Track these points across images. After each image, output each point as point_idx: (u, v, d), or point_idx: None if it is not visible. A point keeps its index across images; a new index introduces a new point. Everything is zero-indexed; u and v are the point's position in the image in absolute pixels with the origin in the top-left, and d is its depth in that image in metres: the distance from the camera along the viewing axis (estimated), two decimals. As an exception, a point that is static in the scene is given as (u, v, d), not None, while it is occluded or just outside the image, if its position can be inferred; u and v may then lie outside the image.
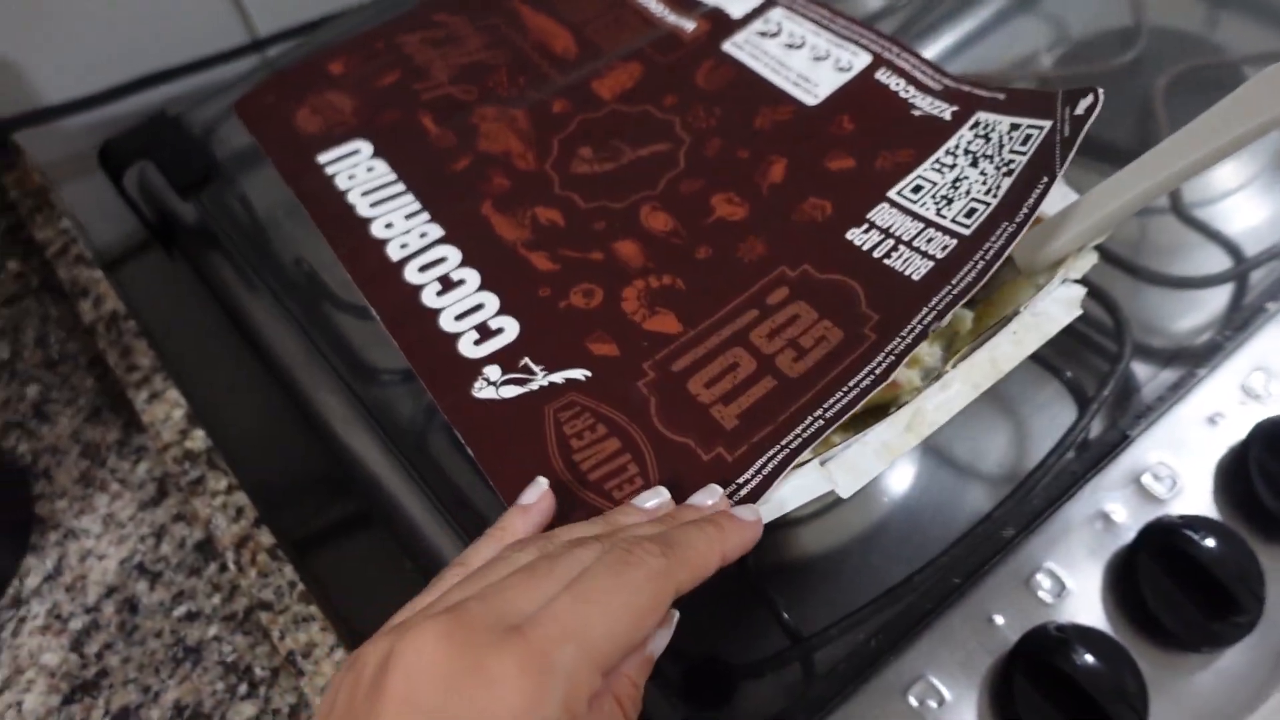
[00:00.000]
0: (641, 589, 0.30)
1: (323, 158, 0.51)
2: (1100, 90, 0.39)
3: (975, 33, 0.65)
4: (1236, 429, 0.48)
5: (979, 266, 0.39)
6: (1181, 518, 0.45)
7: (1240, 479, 0.46)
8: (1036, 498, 0.45)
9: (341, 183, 0.50)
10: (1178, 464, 0.47)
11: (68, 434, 0.55)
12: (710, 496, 0.36)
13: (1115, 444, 0.46)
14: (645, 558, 0.31)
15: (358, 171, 0.50)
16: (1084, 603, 0.44)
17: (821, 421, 0.37)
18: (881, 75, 0.47)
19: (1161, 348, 0.51)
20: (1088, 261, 0.42)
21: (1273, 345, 0.50)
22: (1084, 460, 0.47)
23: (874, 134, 0.45)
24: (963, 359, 0.40)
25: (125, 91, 0.67)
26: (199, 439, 0.52)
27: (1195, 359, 0.50)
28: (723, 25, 0.52)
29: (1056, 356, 0.52)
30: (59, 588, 0.50)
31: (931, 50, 0.64)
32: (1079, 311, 0.41)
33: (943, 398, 0.39)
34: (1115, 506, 0.46)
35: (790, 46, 0.50)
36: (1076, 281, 0.41)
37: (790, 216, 0.44)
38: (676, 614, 0.34)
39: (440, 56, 0.55)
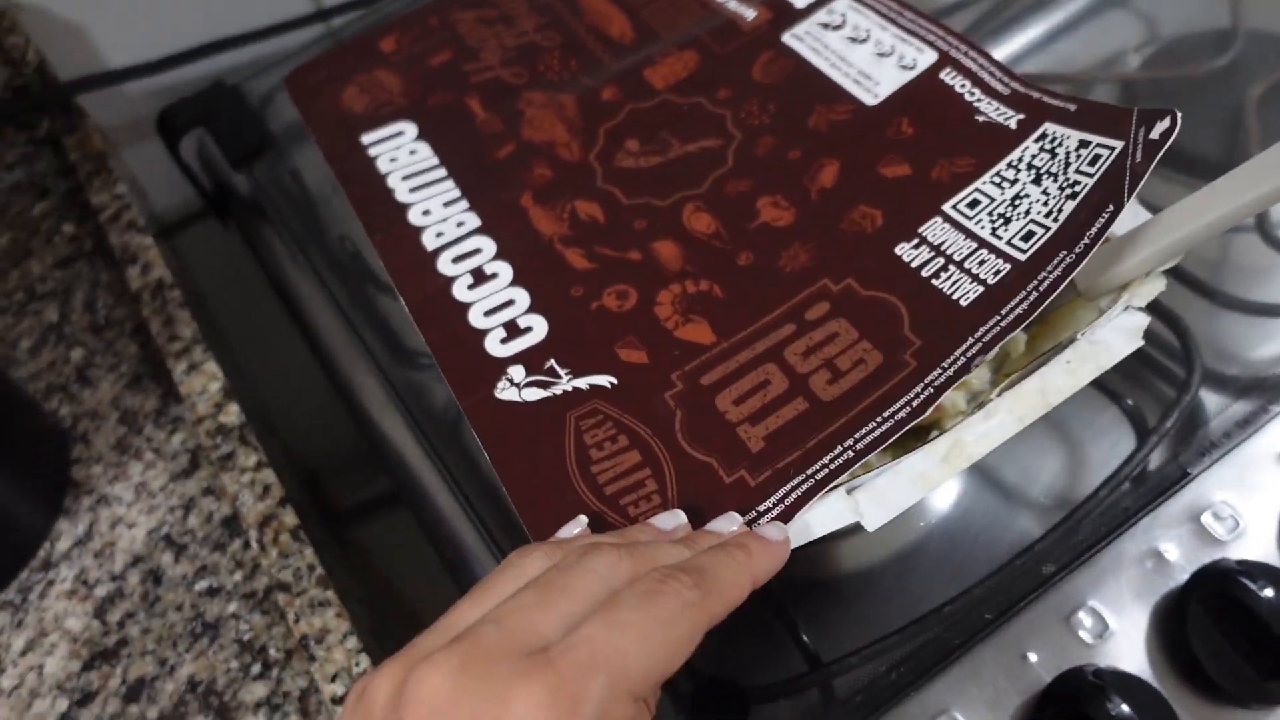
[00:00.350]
0: (677, 622, 0.29)
1: (367, 138, 0.50)
2: (1178, 113, 0.36)
3: (1060, 27, 0.62)
4: (1313, 474, 0.44)
5: (1031, 298, 0.36)
6: (1240, 563, 0.42)
7: (1309, 525, 0.43)
8: (1084, 533, 0.43)
9: (383, 165, 0.49)
10: (1242, 505, 0.44)
11: (108, 400, 0.55)
12: (730, 524, 0.35)
13: (1175, 480, 0.43)
14: (680, 590, 0.29)
15: (400, 154, 0.49)
16: (1127, 647, 0.42)
17: (851, 453, 0.35)
18: (946, 75, 0.44)
19: (1235, 377, 0.48)
20: (1155, 288, 0.39)
21: (1357, 383, 0.46)
22: (1139, 495, 0.44)
23: (933, 139, 0.43)
24: (1010, 387, 0.38)
25: (189, 58, 0.67)
26: (233, 414, 0.52)
27: (1272, 392, 0.47)
28: (785, 14, 0.50)
29: (1118, 380, 0.49)
30: (88, 553, 0.50)
31: (1012, 44, 0.61)
32: (1140, 343, 0.38)
33: (984, 428, 0.37)
34: (1169, 545, 0.43)
35: (853, 40, 0.48)
36: (1141, 309, 0.39)
37: (838, 225, 0.42)
38: None
39: (493, 36, 0.54)
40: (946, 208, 0.41)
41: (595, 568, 0.30)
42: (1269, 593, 0.40)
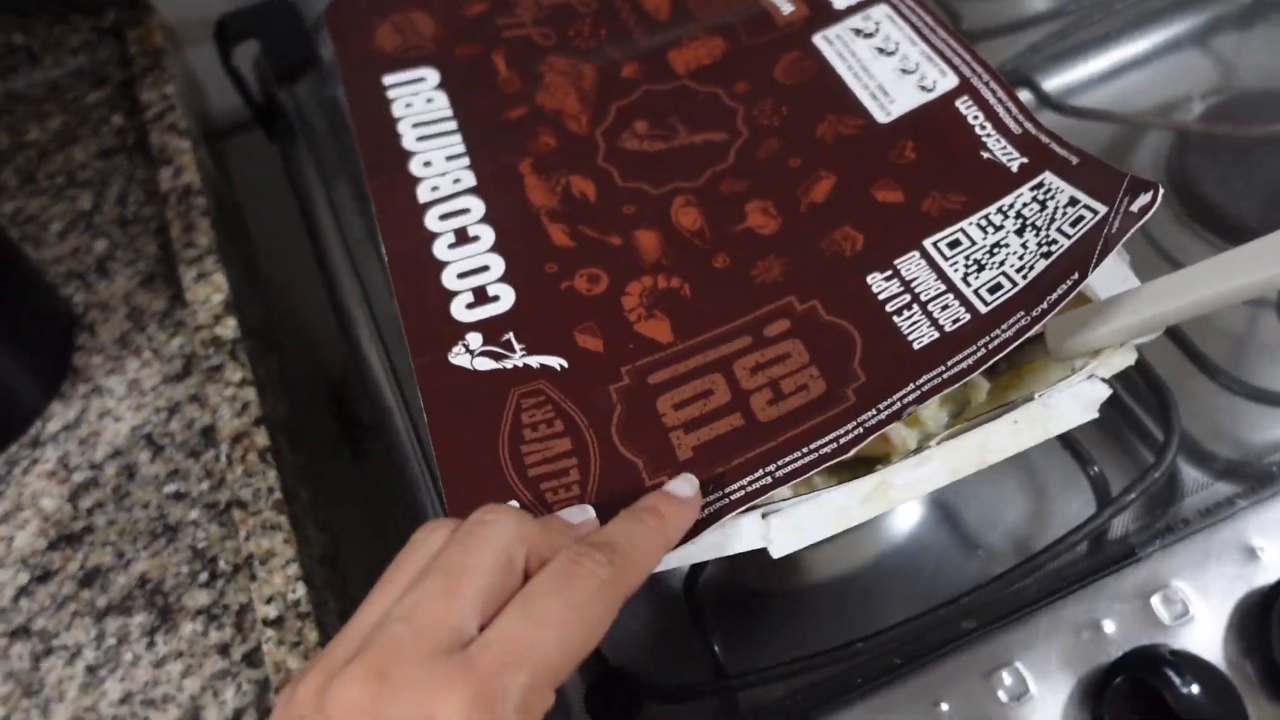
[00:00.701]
0: (594, 602, 0.29)
1: (389, 79, 0.51)
2: (1161, 188, 0.34)
3: (1131, 61, 0.59)
4: (1273, 570, 0.43)
5: (979, 354, 0.35)
6: (1174, 652, 0.41)
7: (1259, 627, 0.42)
8: (1019, 591, 0.42)
9: (398, 109, 0.49)
10: (1196, 593, 0.43)
11: (120, 294, 0.57)
12: (584, 514, 0.35)
13: (1122, 557, 0.42)
14: (595, 570, 0.30)
15: (416, 101, 0.50)
16: (1041, 714, 0.41)
17: (770, 479, 0.35)
18: (962, 104, 0.43)
19: (1221, 458, 0.46)
20: (1124, 360, 0.38)
21: (1345, 488, 0.44)
22: (1086, 564, 0.43)
23: (933, 169, 0.42)
24: (950, 437, 0.37)
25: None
26: (230, 328, 0.53)
27: (1255, 480, 0.45)
28: (822, 13, 0.49)
29: (1094, 438, 0.47)
30: (74, 439, 0.52)
31: (1076, 71, 0.59)
32: (1095, 415, 0.37)
33: (915, 475, 0.36)
34: (1111, 620, 0.42)
35: (881, 51, 0.46)
36: (1104, 380, 0.37)
37: (819, 243, 0.41)
38: None
39: (532, -7, 0.53)
40: (927, 243, 0.40)
41: (492, 538, 0.30)
42: (1193, 689, 0.39)
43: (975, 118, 0.42)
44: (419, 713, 0.26)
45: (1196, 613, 0.42)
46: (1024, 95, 0.56)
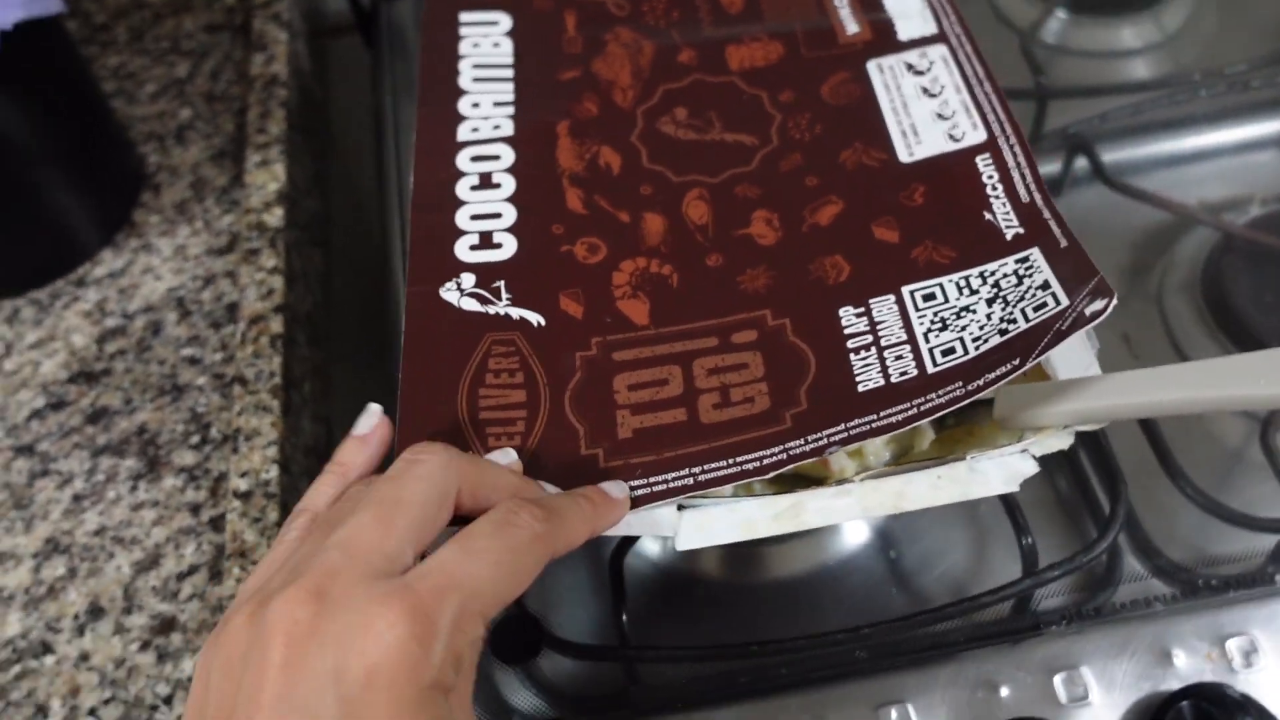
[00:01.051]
0: (525, 551, 0.31)
1: (465, 16, 0.53)
2: (1115, 299, 0.34)
3: (1200, 151, 0.59)
4: (1179, 679, 0.43)
5: (908, 413, 0.36)
6: (1055, 731, 0.42)
7: (1149, 728, 0.42)
8: (920, 637, 0.43)
9: (464, 48, 0.51)
10: (1099, 681, 0.43)
11: (190, 163, 0.61)
12: (505, 457, 0.37)
13: (1027, 629, 0.43)
14: (530, 521, 0.32)
15: (484, 43, 0.52)
16: (915, 756, 0.43)
17: (692, 480, 0.37)
18: (982, 160, 0.43)
19: (1164, 554, 0.46)
20: (1060, 443, 0.38)
21: (1274, 617, 0.44)
22: (995, 627, 0.44)
23: (935, 218, 0.42)
24: (872, 476, 0.38)
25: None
26: (276, 216, 0.57)
27: (1189, 587, 0.45)
28: (883, 40, 0.49)
29: (1046, 508, 0.48)
30: (115, 287, 0.56)
31: (1140, 149, 0.58)
32: (1015, 489, 0.38)
33: (828, 504, 0.38)
34: (1008, 687, 0.43)
35: (925, 91, 0.47)
36: (1035, 458, 0.38)
37: (808, 265, 0.42)
38: None
39: (621, -39, 0.55)
40: (906, 290, 0.41)
41: (425, 475, 0.32)
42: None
43: (990, 177, 0.43)
44: (358, 625, 0.27)
45: (1095, 700, 0.43)
46: (1080, 162, 0.56)
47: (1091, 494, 0.48)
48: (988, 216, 0.42)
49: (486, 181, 0.46)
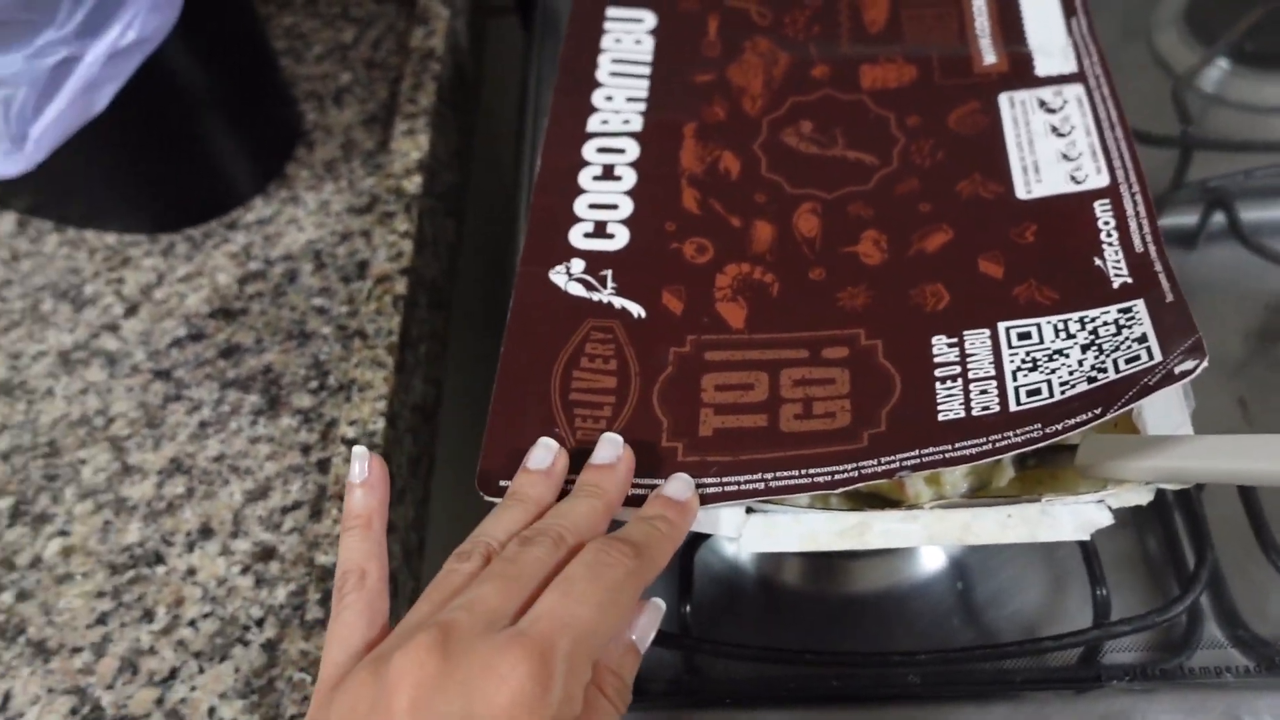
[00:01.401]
0: (621, 589, 0.34)
1: (612, 11, 0.55)
2: (1205, 361, 0.34)
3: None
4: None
5: (983, 448, 0.37)
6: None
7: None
8: (981, 670, 0.44)
9: (606, 42, 0.53)
10: (1158, 742, 0.43)
11: (343, 125, 0.65)
12: (613, 449, 0.38)
13: (1088, 680, 0.43)
14: (621, 559, 0.34)
15: (626, 40, 0.53)
16: (958, 788, 0.43)
17: (763, 486, 0.38)
18: (1100, 206, 0.43)
19: (1249, 626, 0.45)
20: (1139, 498, 0.38)
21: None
22: (1063, 673, 0.44)
23: (1042, 259, 0.42)
24: (943, 506, 0.39)
25: None
26: (414, 184, 0.60)
27: (1268, 662, 0.44)
28: (1020, 74, 0.49)
29: (1128, 556, 0.47)
30: (260, 234, 0.60)
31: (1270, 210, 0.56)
32: (1085, 538, 0.38)
33: (893, 527, 0.38)
34: (1061, 733, 0.43)
35: (1054, 130, 0.46)
36: (1111, 510, 0.38)
37: (908, 290, 0.43)
38: (663, 605, 0.38)
39: (769, -29, 0.55)
40: (1002, 326, 0.41)
41: (539, 556, 0.34)
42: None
43: (1106, 223, 0.42)
44: (481, 670, 0.30)
45: (1150, 763, 0.42)
46: (1217, 217, 0.55)
47: (1179, 552, 0.47)
48: (1097, 262, 0.41)
49: (609, 173, 0.48)
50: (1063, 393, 0.37)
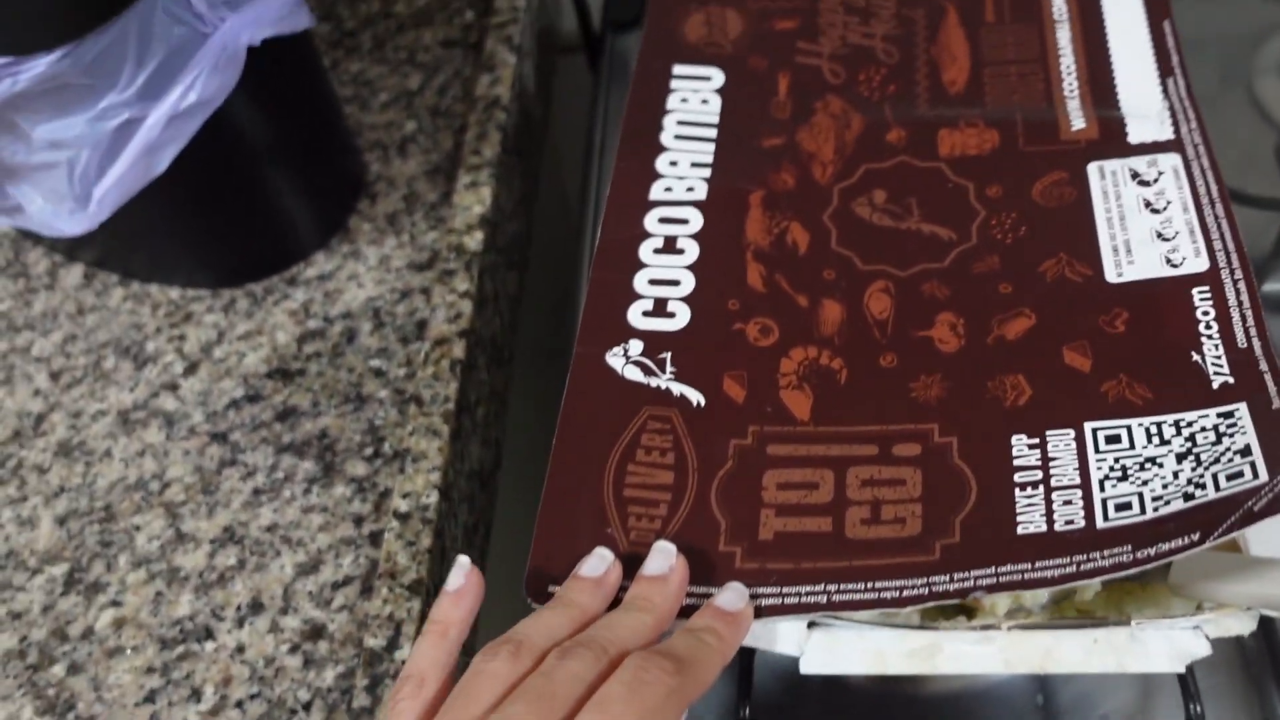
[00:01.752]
0: (661, 709, 0.32)
1: (679, 69, 0.53)
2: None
3: None
4: None
5: (1066, 571, 0.34)
6: None
7: None
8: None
9: (672, 101, 0.51)
10: None
11: (406, 176, 0.64)
12: (666, 559, 0.36)
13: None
14: (662, 677, 0.32)
15: (693, 99, 0.51)
16: None
17: (825, 599, 0.36)
18: (1198, 293, 0.39)
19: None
20: (1242, 626, 0.35)
21: None
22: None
23: (1134, 350, 0.39)
24: (1023, 627, 0.36)
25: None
26: (475, 240, 0.58)
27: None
28: (1111, 141, 0.46)
29: (1228, 670, 0.44)
30: (321, 290, 0.60)
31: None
32: (1180, 669, 0.35)
33: (968, 650, 0.36)
34: None
35: (1148, 205, 0.43)
36: (1208, 638, 0.35)
37: (986, 382, 0.40)
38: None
39: (843, 24, 0.53)
40: (1089, 426, 0.38)
41: (576, 672, 0.32)
42: None
43: (1205, 314, 0.39)
44: None
45: None
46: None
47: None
48: (1195, 357, 0.38)
49: (670, 246, 0.46)
50: (1155, 510, 0.34)
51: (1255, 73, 0.61)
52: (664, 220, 0.47)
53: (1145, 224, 0.43)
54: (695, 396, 0.42)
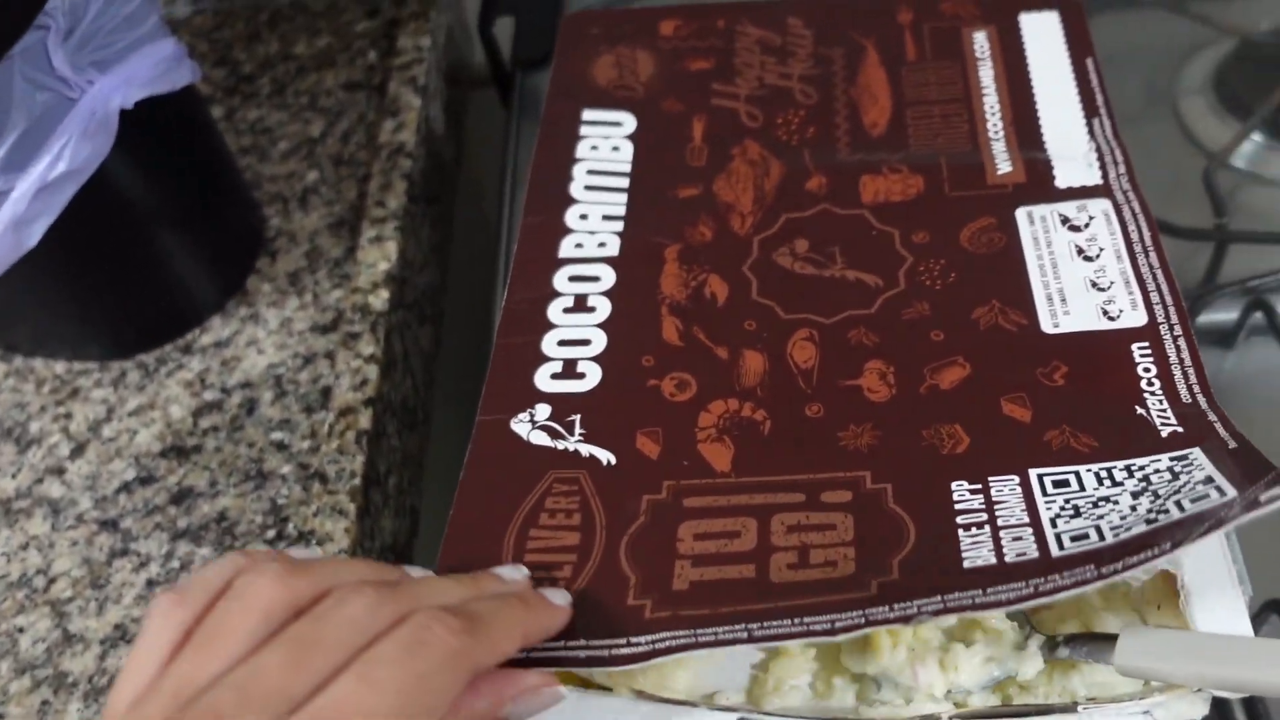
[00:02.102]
0: (437, 673, 0.28)
1: (588, 114, 0.50)
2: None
3: None
4: None
5: (1023, 592, 0.31)
6: None
7: None
8: None
9: (582, 149, 0.49)
10: None
11: (308, 230, 0.60)
12: (516, 573, 0.35)
13: None
14: (445, 636, 0.29)
15: (603, 146, 0.49)
16: None
17: (745, 635, 0.33)
18: (1138, 348, 0.38)
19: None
20: (1193, 710, 0.33)
21: None
22: None
23: (1074, 403, 0.37)
24: (963, 715, 0.34)
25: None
26: (381, 300, 0.55)
27: None
28: (1038, 185, 0.44)
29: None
30: (218, 358, 0.56)
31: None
32: (1130, 761, 0.32)
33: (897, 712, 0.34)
34: None
35: (1080, 253, 0.41)
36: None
37: (920, 430, 0.38)
38: (563, 691, 0.32)
39: (760, 64, 0.51)
40: (1034, 473, 0.36)
41: (353, 617, 0.29)
42: None
43: (1146, 370, 0.37)
44: None
45: None
46: (1256, 317, 0.49)
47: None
48: (1139, 410, 0.36)
49: (581, 304, 0.43)
50: (1112, 537, 0.32)
51: (1180, 93, 0.60)
52: (574, 278, 0.44)
53: (1079, 272, 0.41)
54: (605, 456, 0.39)
